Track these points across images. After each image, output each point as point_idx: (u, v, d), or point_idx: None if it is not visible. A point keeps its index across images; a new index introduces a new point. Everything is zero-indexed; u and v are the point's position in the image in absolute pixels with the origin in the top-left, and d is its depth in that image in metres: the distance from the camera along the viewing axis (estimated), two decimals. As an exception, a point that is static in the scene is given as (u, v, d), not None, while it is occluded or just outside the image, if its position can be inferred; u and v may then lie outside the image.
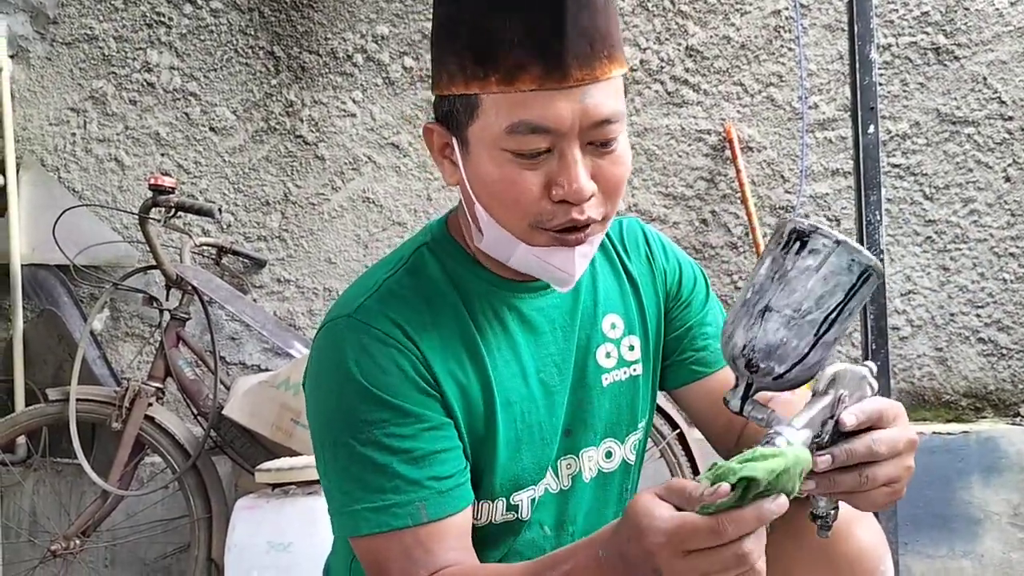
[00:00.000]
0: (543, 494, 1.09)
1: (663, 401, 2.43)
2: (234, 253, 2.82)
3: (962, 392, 2.82)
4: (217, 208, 2.48)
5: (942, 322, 2.82)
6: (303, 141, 2.93)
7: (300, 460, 2.18)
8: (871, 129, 2.18)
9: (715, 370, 1.17)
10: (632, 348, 1.14)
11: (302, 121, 2.93)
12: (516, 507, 1.07)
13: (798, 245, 0.84)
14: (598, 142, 0.93)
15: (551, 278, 1.02)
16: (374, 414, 0.96)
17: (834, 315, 0.84)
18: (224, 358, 2.89)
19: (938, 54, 2.81)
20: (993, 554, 2.58)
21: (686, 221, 2.86)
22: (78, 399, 2.42)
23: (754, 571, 0.74)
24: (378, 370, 0.97)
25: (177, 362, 2.51)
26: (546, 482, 1.09)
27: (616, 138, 0.94)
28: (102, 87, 2.96)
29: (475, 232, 1.03)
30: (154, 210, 2.48)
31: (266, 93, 2.94)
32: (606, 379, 1.11)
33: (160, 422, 2.46)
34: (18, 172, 2.90)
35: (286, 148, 2.93)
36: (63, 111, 2.97)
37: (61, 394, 2.45)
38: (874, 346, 2.18)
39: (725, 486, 0.72)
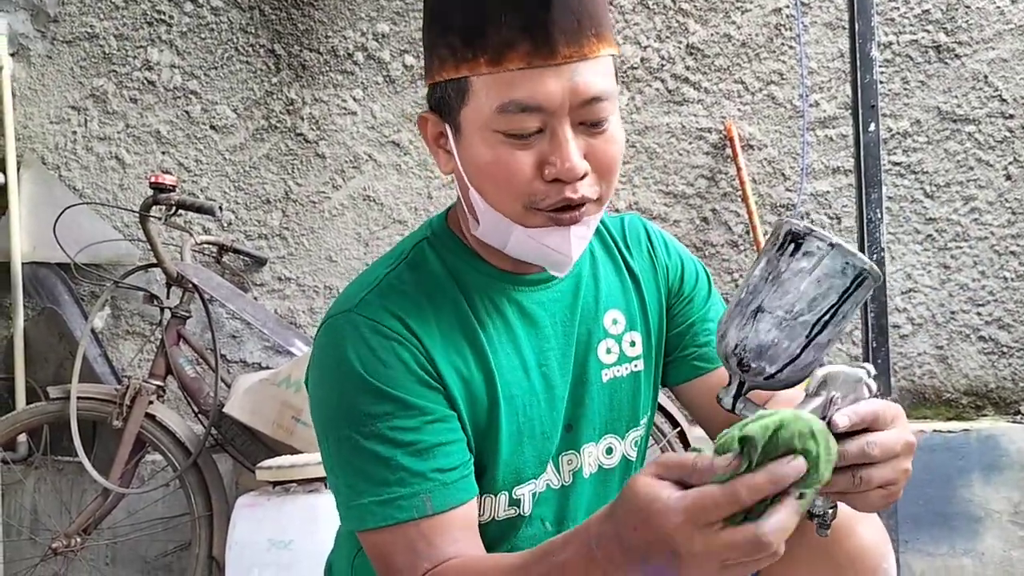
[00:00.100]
0: (544, 490, 1.09)
1: (664, 399, 2.43)
2: (235, 251, 2.83)
3: (963, 390, 2.82)
4: (218, 206, 2.48)
5: (943, 320, 2.82)
6: (304, 139, 2.93)
7: (301, 458, 2.18)
8: (872, 127, 2.18)
9: (717, 366, 1.16)
10: (634, 344, 1.14)
11: (303, 119, 2.93)
12: (518, 502, 1.07)
13: (793, 247, 0.84)
14: (589, 121, 0.94)
15: (548, 261, 1.02)
16: (377, 407, 0.96)
17: (827, 317, 0.84)
18: (225, 356, 2.89)
19: (939, 52, 2.81)
20: (994, 552, 2.58)
21: (687, 219, 2.85)
22: (79, 397, 2.42)
23: (775, 556, 0.71)
24: (380, 363, 0.97)
25: (178, 360, 2.51)
26: (547, 477, 1.09)
27: (608, 118, 0.95)
28: (103, 85, 2.96)
29: (471, 221, 1.04)
30: (155, 208, 2.48)
31: (267, 91, 2.94)
32: (606, 375, 1.11)
33: (161, 420, 2.46)
34: (19, 170, 2.90)
35: (287, 146, 2.93)
36: (64, 109, 2.97)
37: (62, 392, 2.46)
38: (875, 344, 2.17)
39: (729, 455, 0.71)
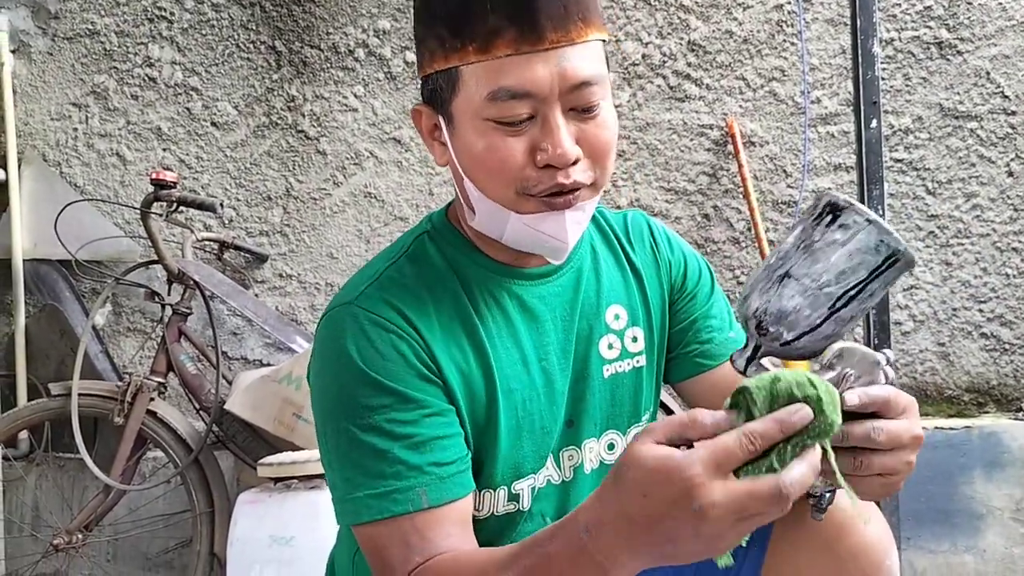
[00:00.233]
0: (544, 485, 1.09)
1: (666, 396, 2.43)
2: (236, 248, 2.82)
3: (964, 387, 2.82)
4: (219, 203, 2.48)
5: (944, 317, 2.82)
6: (305, 136, 2.93)
7: (302, 454, 2.18)
8: (873, 124, 2.17)
9: (720, 363, 1.16)
10: (636, 340, 1.14)
11: (304, 116, 2.92)
12: (517, 497, 1.07)
13: (830, 218, 0.83)
14: (580, 107, 0.94)
15: (545, 248, 1.02)
16: (375, 399, 0.96)
17: (853, 292, 0.83)
18: (226, 353, 2.89)
19: (941, 48, 2.80)
20: (995, 549, 2.58)
21: (688, 216, 2.85)
22: (80, 394, 2.42)
23: (784, 510, 0.70)
24: (378, 356, 0.97)
25: (179, 357, 2.51)
26: (547, 473, 1.09)
27: (599, 103, 0.95)
28: (103, 82, 2.96)
29: (468, 211, 1.04)
30: (156, 205, 2.48)
31: (267, 88, 2.93)
32: (607, 370, 1.11)
33: (162, 417, 2.47)
34: (20, 167, 2.90)
35: (288, 143, 2.93)
36: (65, 106, 2.97)
37: (63, 389, 2.46)
38: (877, 341, 2.17)
39: (721, 413, 0.73)
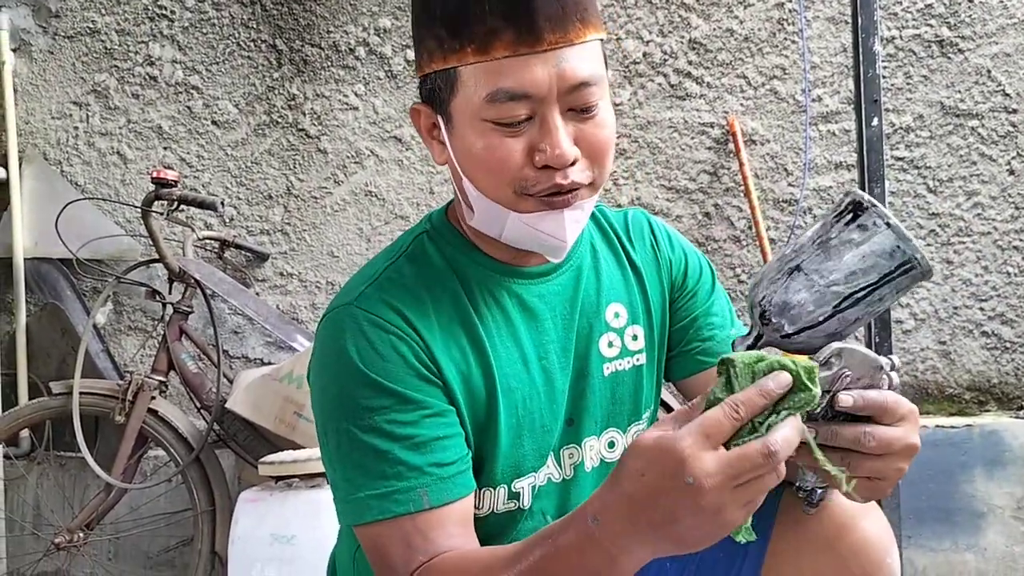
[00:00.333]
0: (544, 483, 1.09)
1: (667, 394, 2.42)
2: (236, 247, 2.82)
3: (965, 385, 2.82)
4: (220, 201, 2.48)
5: (945, 315, 2.81)
6: (305, 134, 2.93)
7: (303, 453, 2.18)
8: (874, 122, 2.17)
9: None
10: (636, 338, 1.14)
11: (304, 114, 2.92)
12: (517, 495, 1.07)
13: (850, 216, 0.83)
14: (578, 107, 0.94)
15: (544, 247, 1.02)
16: (375, 400, 0.96)
17: (861, 294, 0.83)
18: (227, 351, 2.89)
19: (942, 47, 2.80)
20: (996, 547, 2.58)
21: (689, 215, 2.85)
22: (81, 392, 2.43)
23: (778, 471, 0.72)
24: (378, 357, 0.97)
25: (180, 355, 2.51)
26: (548, 471, 1.09)
27: (597, 103, 0.95)
28: (104, 81, 2.96)
29: (467, 211, 1.04)
30: (157, 203, 2.48)
31: (268, 86, 2.93)
32: (607, 368, 1.11)
33: (163, 415, 2.47)
34: (21, 166, 2.90)
35: (288, 141, 2.93)
36: (65, 105, 2.97)
37: (64, 387, 2.46)
38: (878, 339, 2.17)
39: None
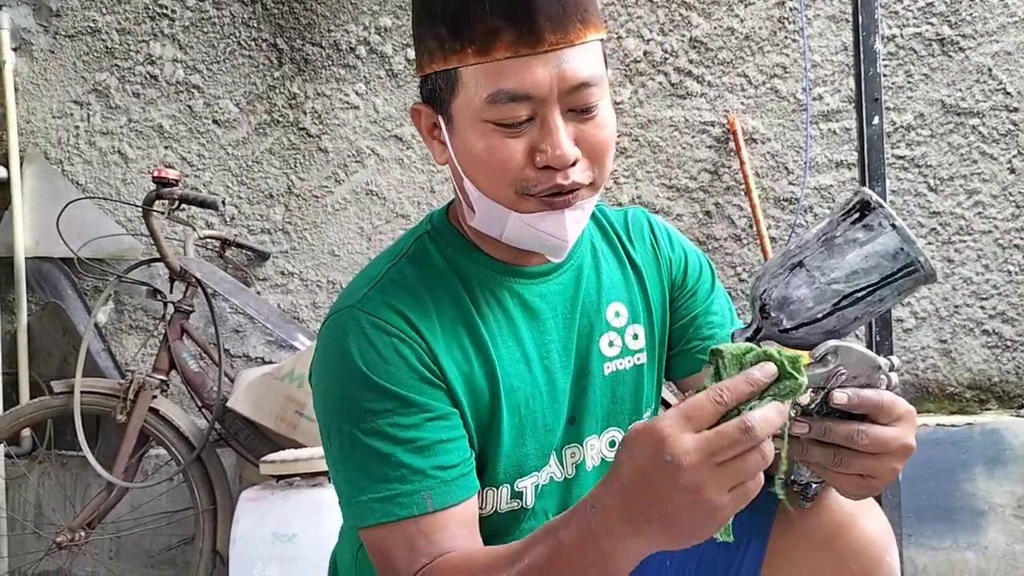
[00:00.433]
0: (547, 482, 1.09)
1: (666, 394, 2.43)
2: (238, 246, 2.83)
3: (966, 384, 2.82)
4: (221, 200, 2.48)
5: (946, 314, 2.81)
6: (306, 133, 2.93)
7: (304, 452, 2.19)
8: (875, 120, 2.17)
9: None
10: (636, 337, 1.14)
11: (305, 113, 2.92)
12: (520, 494, 1.07)
13: (857, 215, 0.84)
14: (579, 108, 0.94)
15: (545, 247, 1.03)
16: (378, 403, 0.96)
17: (861, 294, 0.83)
18: (228, 350, 2.89)
19: (943, 45, 2.80)
20: (997, 546, 2.58)
21: (690, 213, 2.85)
22: (83, 391, 2.43)
23: (761, 451, 0.74)
24: (381, 360, 0.97)
25: (181, 354, 2.51)
26: (550, 470, 1.09)
27: (597, 103, 0.95)
28: (105, 80, 2.96)
29: (467, 211, 1.04)
30: (158, 203, 2.48)
31: (269, 85, 2.93)
32: (608, 367, 1.11)
33: (164, 414, 2.47)
34: (22, 165, 2.90)
35: (289, 140, 2.93)
36: (66, 104, 2.97)
37: (66, 386, 2.46)
38: (878, 338, 2.17)
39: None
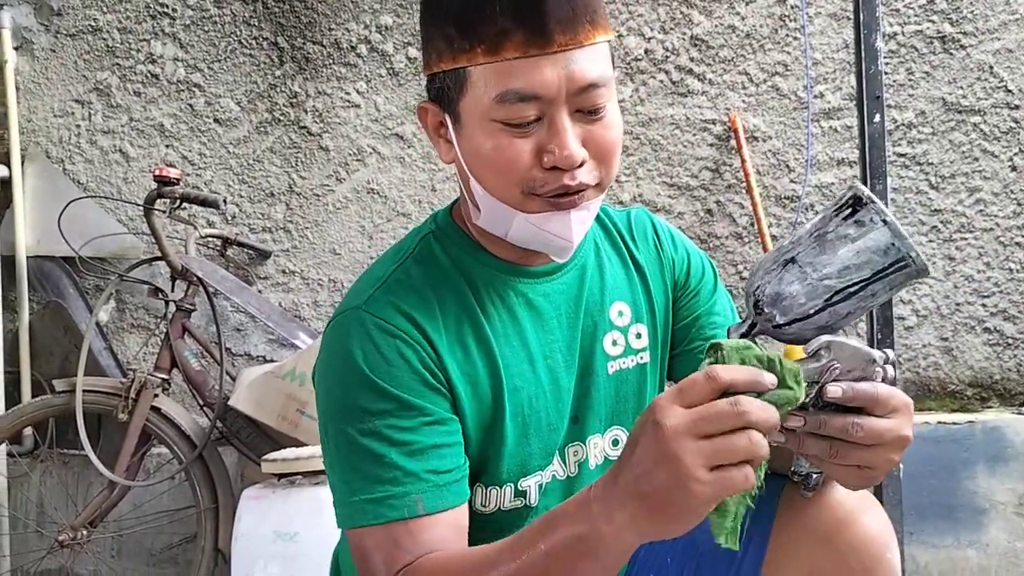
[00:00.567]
0: (550, 480, 1.09)
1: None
2: (239, 244, 2.83)
3: (967, 382, 2.82)
4: (222, 199, 2.48)
5: (948, 312, 2.81)
6: (307, 132, 2.93)
7: (306, 450, 2.19)
8: (876, 118, 2.16)
9: None
10: (640, 336, 1.14)
11: (306, 112, 2.92)
12: (524, 493, 1.07)
13: (849, 211, 0.84)
14: (587, 109, 0.94)
15: (550, 247, 1.03)
16: (376, 404, 0.96)
17: (853, 289, 0.83)
18: (230, 349, 2.90)
19: (944, 43, 2.79)
20: (998, 544, 2.58)
21: (691, 211, 2.85)
22: (84, 390, 2.43)
23: (749, 435, 0.72)
24: (384, 361, 0.97)
25: (183, 353, 2.52)
26: (553, 468, 1.09)
27: (605, 104, 0.95)
28: (106, 79, 2.96)
29: (472, 210, 1.04)
30: (159, 201, 2.48)
31: (270, 84, 2.93)
32: (612, 367, 1.11)
33: (166, 413, 2.47)
34: (23, 164, 2.90)
35: (290, 139, 2.93)
36: (68, 103, 2.97)
37: (67, 385, 2.46)
38: (879, 336, 2.17)
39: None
